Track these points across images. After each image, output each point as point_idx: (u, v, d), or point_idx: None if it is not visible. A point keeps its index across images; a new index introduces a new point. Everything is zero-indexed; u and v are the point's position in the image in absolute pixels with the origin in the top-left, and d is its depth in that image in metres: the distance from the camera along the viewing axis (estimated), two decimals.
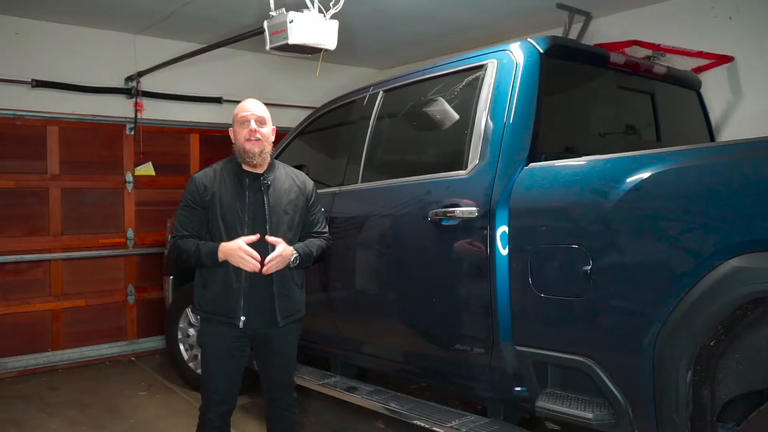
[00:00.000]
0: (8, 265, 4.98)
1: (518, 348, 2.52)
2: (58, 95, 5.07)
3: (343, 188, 3.46)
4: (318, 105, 4.15)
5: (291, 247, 2.67)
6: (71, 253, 5.22)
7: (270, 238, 2.62)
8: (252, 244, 2.60)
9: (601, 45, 4.40)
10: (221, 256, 2.59)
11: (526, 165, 2.59)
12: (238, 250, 2.56)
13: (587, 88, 3.10)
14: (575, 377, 2.40)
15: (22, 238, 5.02)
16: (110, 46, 5.31)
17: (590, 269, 2.25)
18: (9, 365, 4.96)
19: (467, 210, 2.67)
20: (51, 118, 5.09)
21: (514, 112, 2.67)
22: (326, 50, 3.46)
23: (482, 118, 2.76)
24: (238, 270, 2.62)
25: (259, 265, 2.57)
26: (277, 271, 2.66)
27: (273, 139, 2.79)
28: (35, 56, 4.98)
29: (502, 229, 2.55)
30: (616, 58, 3.03)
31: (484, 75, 2.84)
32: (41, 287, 5.13)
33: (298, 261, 2.68)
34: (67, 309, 5.23)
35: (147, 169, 5.58)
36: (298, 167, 3.13)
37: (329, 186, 3.56)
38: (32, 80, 4.93)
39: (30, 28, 4.96)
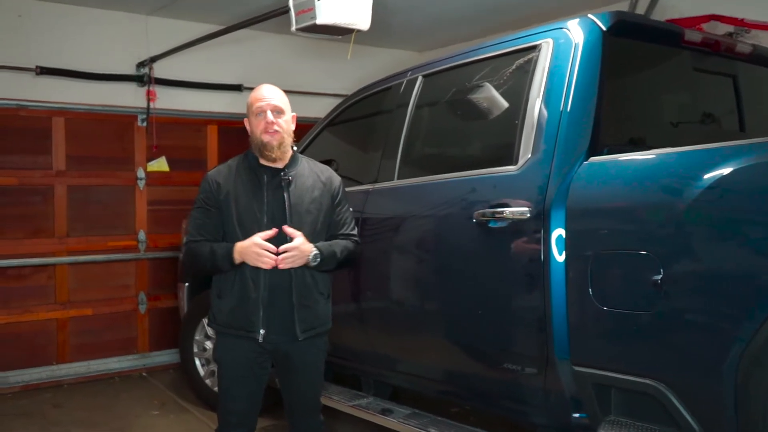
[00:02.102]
0: (10, 269, 5.10)
1: (576, 368, 2.49)
2: (64, 83, 5.18)
3: (377, 186, 3.47)
4: (349, 92, 4.16)
5: (311, 244, 2.66)
6: (77, 257, 5.33)
7: (288, 229, 2.62)
8: (273, 239, 2.61)
9: (673, 21, 4.31)
10: (237, 257, 2.61)
11: (586, 159, 2.56)
12: (253, 246, 2.58)
13: (658, 70, 3.05)
14: (643, 403, 2.36)
15: (24, 241, 5.14)
16: (120, 28, 5.41)
17: (661, 279, 2.21)
18: (11, 379, 5.08)
19: (518, 210, 2.65)
20: (57, 108, 5.21)
21: (573, 98, 2.64)
22: (359, 31, 3.46)
23: (535, 106, 2.74)
24: (256, 278, 2.64)
25: (275, 261, 2.58)
26: (298, 279, 2.67)
27: (293, 128, 2.80)
28: (40, 41, 5.10)
29: (558, 233, 2.53)
30: (691, 35, 2.97)
31: (538, 57, 2.81)
32: (45, 294, 5.25)
33: (318, 259, 2.66)
34: (73, 318, 5.33)
35: (160, 165, 5.67)
36: (327, 162, 3.15)
37: (361, 183, 3.57)
38: (36, 67, 5.04)
39: (34, 9, 5.08)
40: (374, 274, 3.40)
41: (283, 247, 2.59)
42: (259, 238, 2.59)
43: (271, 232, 2.60)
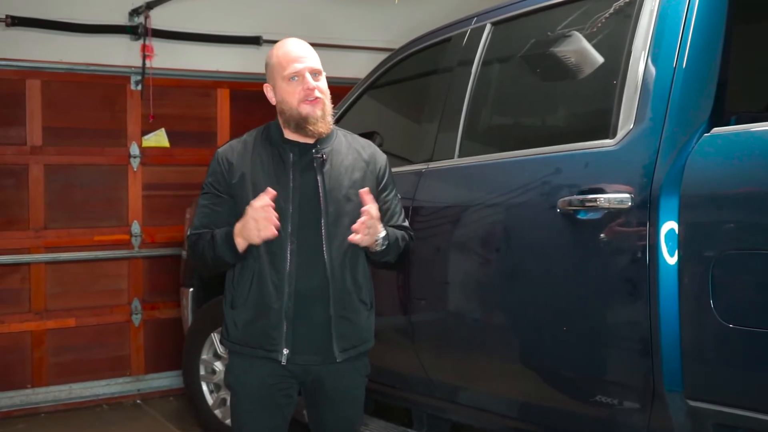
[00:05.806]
0: None
1: (692, 403, 2.47)
2: (40, 37, 5.27)
3: (432, 165, 3.47)
4: (396, 46, 4.15)
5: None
6: (57, 255, 5.43)
7: (363, 191, 2.59)
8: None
9: None
10: (239, 240, 2.59)
11: (707, 131, 2.52)
12: (249, 210, 2.52)
13: None
14: None
15: None
16: None
17: None
18: None
19: (616, 198, 2.63)
20: (31, 68, 5.31)
21: (690, 51, 2.60)
22: None
23: (640, 62, 2.71)
24: (279, 281, 2.64)
25: (276, 224, 2.50)
26: (337, 284, 2.68)
27: None
28: None
29: (669, 226, 2.50)
30: None
31: None
32: (17, 300, 5.35)
33: (386, 244, 2.67)
34: (51, 331, 5.43)
35: (159, 139, 5.75)
36: (368, 135, 3.16)
37: (412, 162, 3.58)
38: (6, 17, 5.13)
39: None
40: (427, 279, 3.41)
41: (364, 209, 2.55)
42: (255, 203, 2.51)
43: (270, 194, 2.51)
